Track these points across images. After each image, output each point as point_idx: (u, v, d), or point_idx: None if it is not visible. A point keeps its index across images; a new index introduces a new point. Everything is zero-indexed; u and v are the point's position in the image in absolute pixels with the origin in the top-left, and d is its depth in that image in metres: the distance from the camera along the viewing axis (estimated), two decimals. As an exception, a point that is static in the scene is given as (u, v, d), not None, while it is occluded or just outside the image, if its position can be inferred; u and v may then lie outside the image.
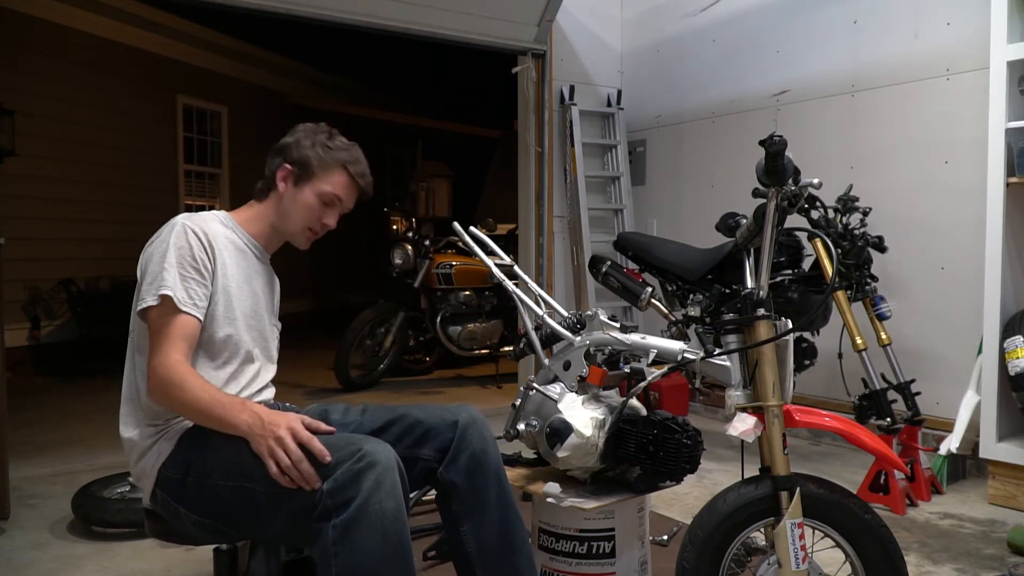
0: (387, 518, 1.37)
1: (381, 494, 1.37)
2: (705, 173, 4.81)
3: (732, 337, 1.78)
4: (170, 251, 1.58)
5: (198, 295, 1.58)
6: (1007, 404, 3.08)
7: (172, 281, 1.55)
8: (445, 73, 9.27)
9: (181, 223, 1.63)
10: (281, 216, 1.76)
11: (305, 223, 1.76)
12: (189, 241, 1.61)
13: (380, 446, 1.42)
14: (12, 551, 2.59)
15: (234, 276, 1.69)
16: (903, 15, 3.78)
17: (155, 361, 1.51)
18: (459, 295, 5.67)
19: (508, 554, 1.67)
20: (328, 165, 1.75)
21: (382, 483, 1.37)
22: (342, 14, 3.99)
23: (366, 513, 1.36)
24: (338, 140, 1.78)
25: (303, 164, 1.73)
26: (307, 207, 1.74)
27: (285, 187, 1.75)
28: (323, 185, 1.74)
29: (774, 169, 1.67)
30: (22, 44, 5.97)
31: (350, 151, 1.78)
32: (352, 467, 1.38)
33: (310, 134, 1.77)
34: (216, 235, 1.67)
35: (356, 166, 1.78)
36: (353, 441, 1.44)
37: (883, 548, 1.66)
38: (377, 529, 1.36)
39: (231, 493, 1.48)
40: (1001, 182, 3.03)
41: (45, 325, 6.17)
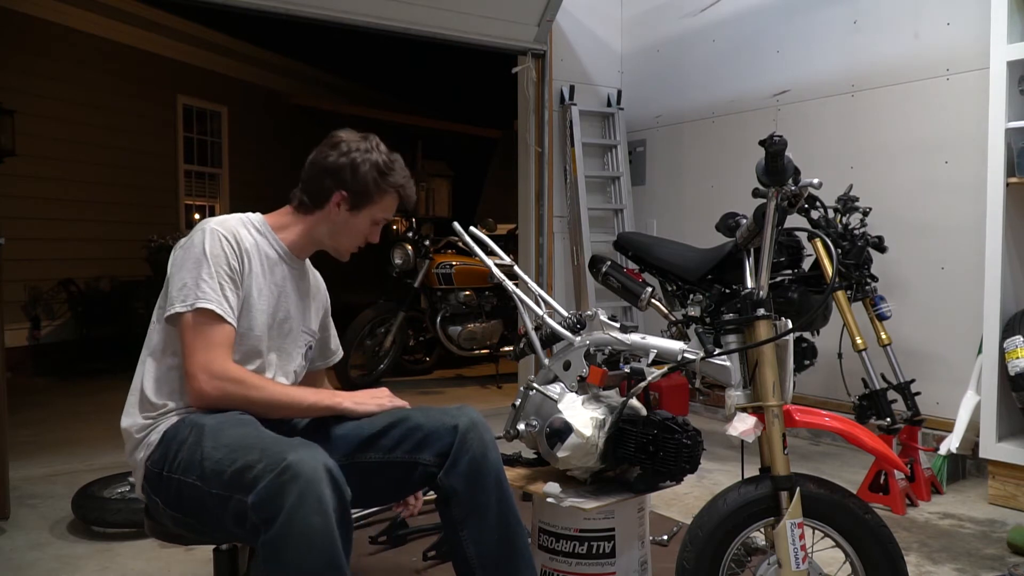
0: (314, 534, 1.30)
1: (305, 509, 1.30)
2: (705, 173, 4.81)
3: (732, 337, 1.78)
4: (206, 260, 1.59)
5: (233, 303, 1.61)
6: (1007, 404, 3.08)
7: (212, 292, 1.57)
8: (445, 73, 9.26)
9: (211, 228, 1.64)
10: (331, 235, 1.79)
11: (354, 244, 1.82)
12: (224, 249, 1.62)
13: (309, 455, 1.36)
14: (12, 551, 2.59)
15: (259, 283, 1.69)
16: (903, 15, 3.78)
17: (207, 364, 1.54)
18: (459, 295, 5.67)
19: (509, 559, 1.67)
20: (385, 192, 1.77)
21: (306, 498, 1.30)
22: (342, 14, 3.99)
23: (290, 532, 1.30)
24: (395, 164, 1.78)
25: (361, 193, 1.75)
26: (361, 231, 1.80)
27: (339, 211, 1.76)
28: (378, 212, 1.78)
29: (774, 169, 1.68)
30: (22, 44, 5.97)
31: (402, 173, 1.80)
32: (275, 481, 1.33)
33: (365, 157, 1.74)
34: (246, 243, 1.69)
35: (407, 188, 1.81)
36: (280, 449, 1.39)
37: (883, 548, 1.66)
38: (304, 547, 1.30)
39: (191, 491, 1.48)
40: (1001, 182, 3.03)
41: (45, 325, 6.17)
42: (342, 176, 1.73)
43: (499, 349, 5.82)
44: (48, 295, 6.20)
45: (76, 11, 6.41)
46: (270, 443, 1.43)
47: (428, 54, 6.75)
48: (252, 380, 1.58)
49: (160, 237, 6.37)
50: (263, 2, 3.73)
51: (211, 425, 1.51)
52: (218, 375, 1.53)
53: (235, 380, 1.55)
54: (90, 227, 6.59)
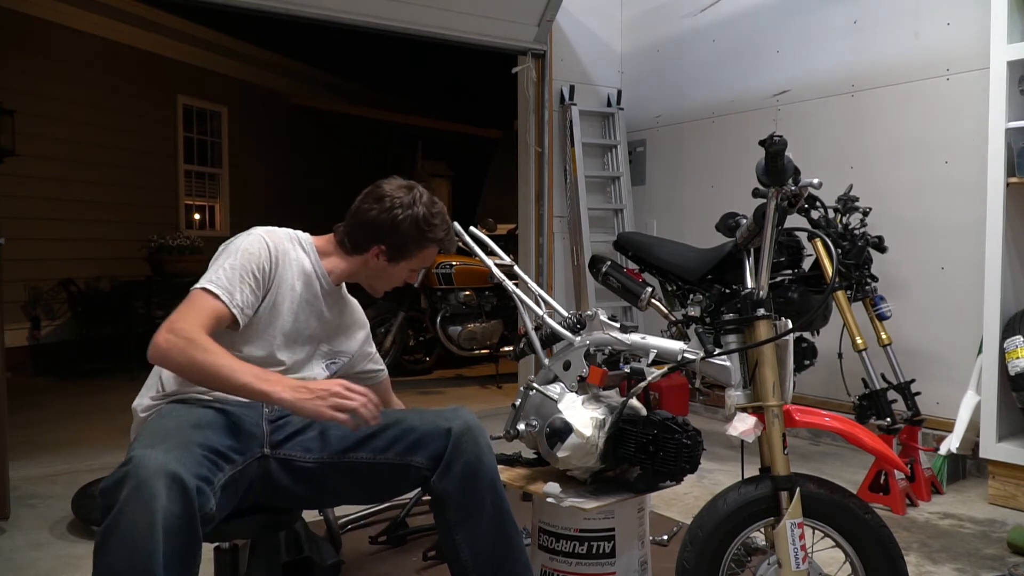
0: (137, 534, 1.26)
1: (135, 505, 1.27)
2: (705, 173, 4.81)
3: (732, 337, 1.78)
4: (238, 253, 1.66)
5: (246, 299, 1.63)
6: (1007, 404, 3.08)
7: (224, 279, 1.61)
8: (445, 73, 9.27)
9: (259, 233, 1.72)
10: (368, 277, 1.86)
11: (389, 286, 1.89)
12: (259, 250, 1.68)
13: (157, 453, 1.34)
14: (12, 551, 2.59)
15: (290, 293, 1.73)
16: (903, 15, 3.78)
17: (175, 321, 1.53)
18: (459, 295, 5.67)
19: (504, 563, 1.66)
20: (424, 246, 1.81)
21: (139, 494, 1.28)
22: (342, 14, 3.99)
23: (117, 525, 1.27)
24: (435, 218, 1.80)
25: (400, 248, 1.79)
26: (397, 278, 1.87)
27: (377, 261, 1.81)
28: (416, 263, 1.84)
29: (774, 169, 1.68)
30: (22, 44, 5.97)
31: (443, 228, 1.82)
32: (118, 472, 1.33)
33: (406, 214, 1.76)
34: (286, 255, 1.73)
35: (448, 241, 1.85)
36: (141, 444, 1.39)
37: (883, 548, 1.66)
38: (126, 544, 1.26)
39: None
40: (1001, 182, 3.03)
41: (45, 325, 6.17)
42: (382, 232, 1.78)
43: (499, 349, 5.82)
44: (48, 295, 6.20)
45: (76, 11, 6.41)
46: (148, 439, 1.43)
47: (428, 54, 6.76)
48: (203, 343, 1.51)
49: (160, 237, 6.37)
50: (263, 2, 3.74)
51: (166, 410, 1.58)
52: (176, 331, 1.52)
53: (187, 338, 1.50)
54: (90, 227, 6.59)
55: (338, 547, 2.37)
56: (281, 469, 1.66)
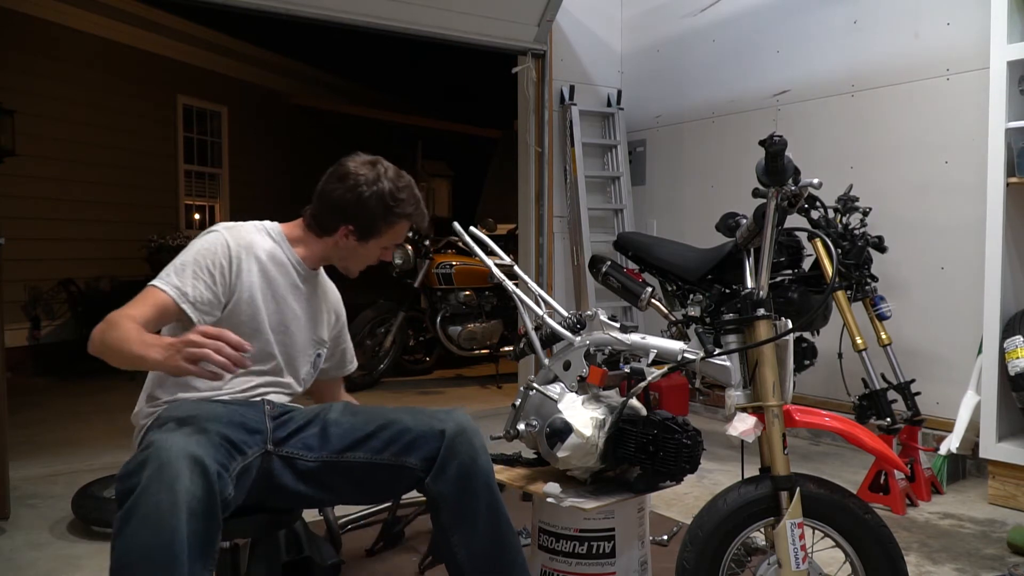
0: (161, 512, 1.29)
1: (159, 485, 1.30)
2: (705, 173, 4.81)
3: (732, 337, 1.78)
4: (192, 249, 1.65)
5: (199, 293, 1.61)
6: (1007, 404, 3.08)
7: (175, 275, 1.61)
8: (445, 73, 9.26)
9: (218, 229, 1.70)
10: (341, 259, 1.83)
11: (362, 266, 1.85)
12: (215, 246, 1.66)
13: (176, 440, 1.37)
14: (12, 551, 2.59)
15: (264, 288, 1.72)
16: (903, 15, 3.78)
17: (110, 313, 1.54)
18: (459, 295, 5.67)
19: (500, 564, 1.66)
20: (395, 222, 1.78)
21: (163, 474, 1.31)
22: (342, 14, 3.99)
23: (140, 504, 1.29)
24: (402, 192, 1.76)
25: (368, 226, 1.76)
26: (370, 257, 1.83)
27: (347, 241, 1.78)
28: (386, 240, 1.81)
29: (774, 169, 1.68)
30: (22, 44, 5.97)
31: (412, 202, 1.79)
32: (139, 455, 1.35)
33: (372, 190, 1.73)
34: (251, 247, 1.71)
35: (418, 215, 1.81)
36: (162, 433, 1.41)
37: (883, 548, 1.66)
38: (147, 523, 1.28)
39: None
40: (1001, 182, 3.03)
41: (45, 325, 6.17)
42: (348, 211, 1.75)
43: (499, 349, 5.82)
44: (48, 295, 6.20)
45: (76, 11, 6.41)
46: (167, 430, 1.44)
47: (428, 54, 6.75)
48: (114, 321, 1.50)
49: (160, 237, 6.37)
50: (263, 2, 3.74)
51: (170, 408, 1.59)
52: (103, 320, 1.52)
53: (104, 322, 1.51)
54: (90, 227, 6.59)
55: (338, 547, 2.37)
56: (283, 467, 1.66)
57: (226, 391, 1.71)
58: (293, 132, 9.31)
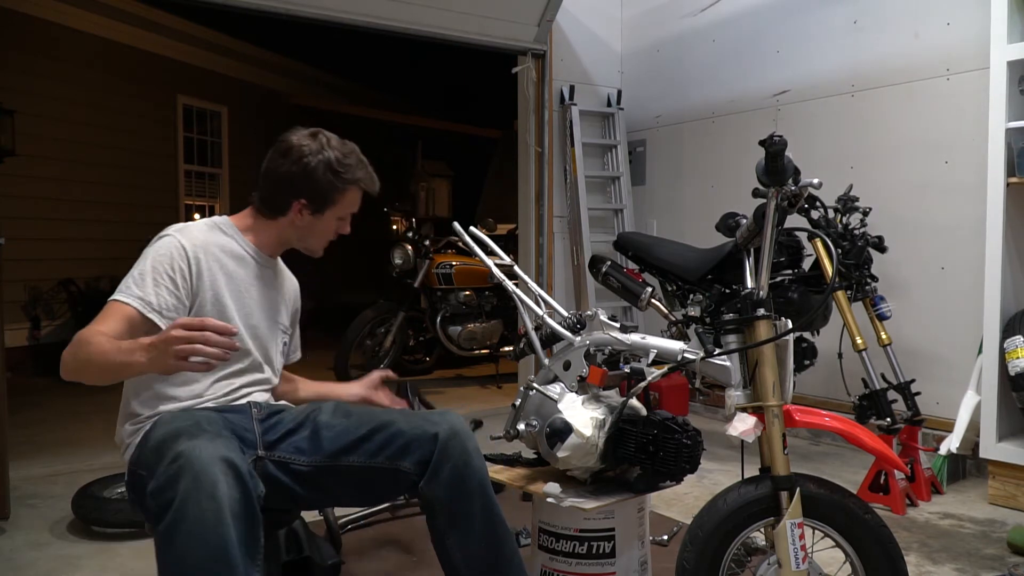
0: (206, 523, 1.29)
1: (199, 495, 1.30)
2: (705, 173, 4.81)
3: (732, 337, 1.78)
4: (148, 258, 1.62)
5: (163, 300, 1.59)
6: (1007, 404, 3.08)
7: (135, 285, 1.58)
8: (445, 73, 9.26)
9: (170, 235, 1.67)
10: (300, 238, 1.80)
11: (324, 242, 1.82)
12: (170, 250, 1.63)
13: (204, 445, 1.37)
14: (12, 551, 2.59)
15: (227, 285, 1.70)
16: (903, 15, 3.78)
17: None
18: (459, 295, 5.66)
19: (497, 566, 1.66)
20: (344, 190, 1.75)
21: (200, 483, 1.31)
22: (342, 14, 3.99)
23: (184, 516, 1.29)
24: (348, 159, 1.74)
25: (320, 199, 1.74)
26: (328, 231, 1.79)
27: (301, 217, 1.76)
28: (341, 210, 1.77)
29: (774, 169, 1.68)
30: (22, 44, 5.97)
31: (360, 167, 1.76)
32: (168, 469, 1.33)
33: (317, 160, 1.71)
34: (207, 246, 1.68)
35: (368, 179, 1.78)
36: (180, 441, 1.39)
37: (883, 548, 1.66)
38: (196, 535, 1.28)
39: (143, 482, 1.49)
40: (1001, 182, 3.03)
41: (45, 325, 6.16)
42: (298, 185, 1.72)
43: (499, 349, 5.82)
44: (48, 295, 6.20)
45: (76, 11, 6.41)
46: (180, 438, 1.42)
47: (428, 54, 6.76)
48: (86, 338, 1.48)
49: (160, 237, 6.36)
50: (263, 2, 3.74)
51: (163, 418, 1.56)
52: (71, 341, 1.51)
53: (74, 341, 1.49)
54: (90, 227, 6.59)
55: (338, 547, 2.37)
56: (277, 470, 1.66)
57: (208, 396, 1.69)
58: (293, 132, 9.30)
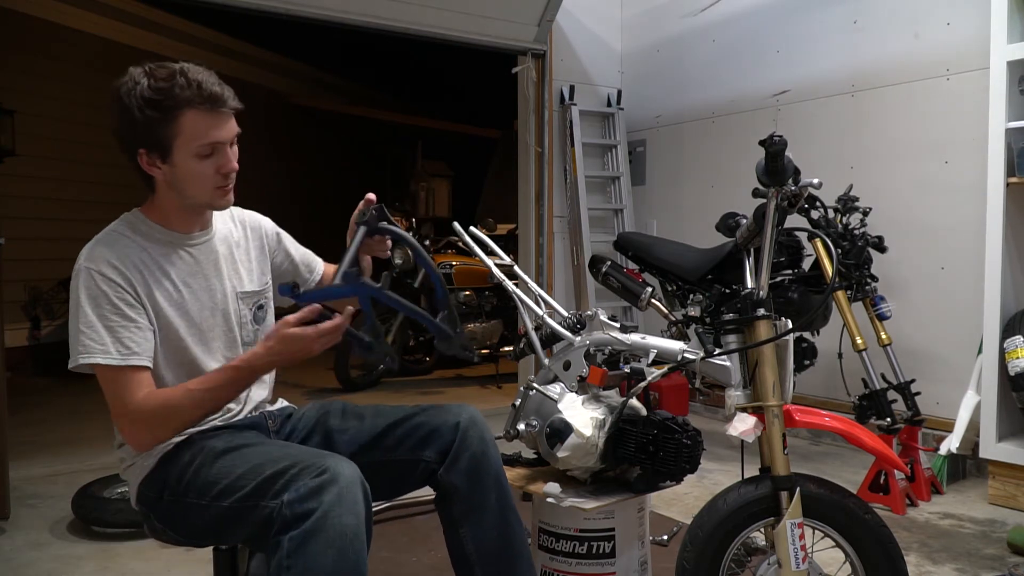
0: (346, 535, 1.31)
1: (342, 509, 1.32)
2: (705, 173, 4.81)
3: (732, 337, 1.78)
4: (84, 307, 1.44)
5: (130, 341, 1.45)
6: (1007, 404, 3.08)
7: (96, 342, 1.43)
8: (445, 73, 9.26)
9: (83, 268, 1.48)
10: (181, 197, 1.54)
11: (207, 188, 1.53)
12: (102, 287, 1.45)
13: (344, 463, 1.39)
14: (12, 551, 2.59)
15: (164, 285, 1.54)
16: (903, 15, 3.78)
17: (122, 415, 1.45)
18: (459, 295, 5.67)
19: (508, 557, 1.67)
20: (172, 119, 1.46)
21: (344, 498, 1.33)
22: (342, 14, 3.99)
23: (324, 527, 1.30)
24: (163, 82, 1.47)
25: (151, 138, 1.48)
26: (195, 174, 1.50)
27: (159, 171, 1.52)
28: (189, 143, 1.47)
29: (774, 169, 1.68)
30: (22, 44, 5.97)
31: (178, 82, 1.47)
32: (314, 481, 1.34)
33: (133, 97, 1.47)
34: (127, 257, 1.51)
35: (201, 93, 1.48)
36: (317, 456, 1.41)
37: (883, 548, 1.66)
38: (334, 545, 1.30)
39: (198, 511, 1.48)
40: (1001, 182, 3.03)
41: (45, 325, 6.16)
42: (127, 138, 1.51)
43: (499, 349, 5.82)
44: (48, 295, 6.20)
45: (76, 11, 6.40)
46: (303, 453, 1.45)
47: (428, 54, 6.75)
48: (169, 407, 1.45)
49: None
50: (263, 2, 3.74)
51: (221, 448, 1.51)
52: (139, 423, 1.45)
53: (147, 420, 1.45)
54: (90, 227, 6.45)
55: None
56: None
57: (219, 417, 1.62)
58: (293, 132, 9.30)
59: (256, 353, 1.44)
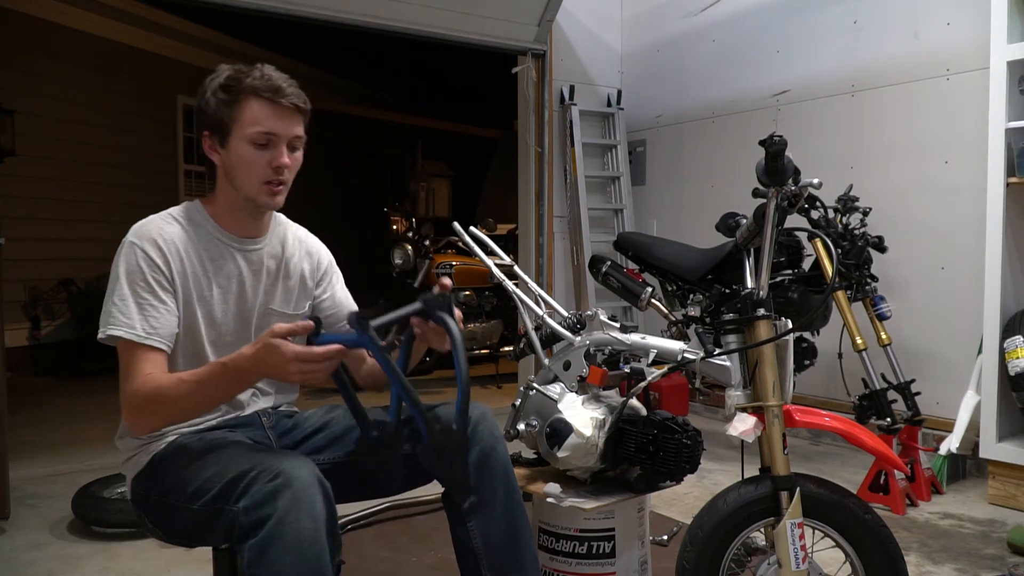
0: (304, 539, 1.29)
1: (298, 513, 1.29)
2: (705, 173, 4.81)
3: (732, 337, 1.78)
4: (121, 280, 1.47)
5: (156, 321, 1.47)
6: (1007, 404, 3.08)
7: (121, 316, 1.45)
8: (445, 73, 9.26)
9: (128, 242, 1.51)
10: (233, 187, 1.57)
11: (256, 179, 1.54)
12: (140, 264, 1.48)
13: (300, 466, 1.36)
14: (12, 551, 2.59)
15: (204, 280, 1.57)
16: (903, 15, 3.78)
17: (123, 393, 1.45)
18: (459, 295, 5.67)
19: (514, 551, 1.66)
20: (236, 103, 1.51)
21: (299, 502, 1.30)
22: (342, 14, 3.99)
23: (281, 533, 1.28)
24: (241, 72, 1.53)
25: (215, 120, 1.53)
26: (246, 161, 1.53)
27: (217, 156, 1.56)
28: (246, 128, 1.51)
29: (774, 169, 1.68)
30: (22, 44, 5.97)
31: (252, 74, 1.52)
32: (268, 485, 1.32)
33: (211, 83, 1.54)
34: (173, 241, 1.53)
35: (267, 84, 1.52)
36: (273, 460, 1.38)
37: (883, 548, 1.66)
38: (292, 551, 1.28)
39: (178, 512, 1.49)
40: (1001, 182, 3.03)
41: (45, 325, 6.17)
42: (199, 120, 1.56)
43: (499, 349, 5.82)
44: (48, 295, 6.21)
45: (76, 11, 6.41)
46: (262, 456, 1.43)
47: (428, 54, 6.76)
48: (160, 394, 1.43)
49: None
50: (263, 2, 3.74)
51: (200, 448, 1.52)
52: (134, 408, 1.46)
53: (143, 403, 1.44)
54: (90, 227, 6.59)
55: (338, 547, 2.36)
56: None
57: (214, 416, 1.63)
58: (293, 132, 9.28)
59: (242, 353, 1.38)
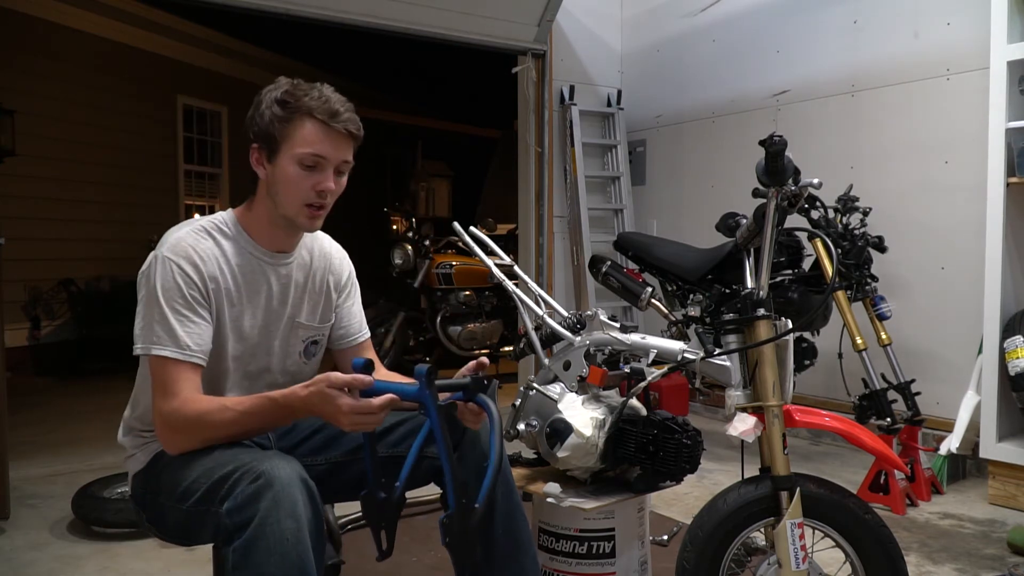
0: (286, 540, 1.29)
1: (280, 513, 1.29)
2: (705, 173, 4.81)
3: (732, 337, 1.78)
4: (158, 297, 1.47)
5: (198, 337, 1.49)
6: (1007, 404, 3.08)
7: (164, 334, 1.46)
8: (445, 73, 9.26)
9: (163, 257, 1.50)
10: (273, 202, 1.56)
11: (297, 200, 1.53)
12: (177, 280, 1.48)
13: (283, 463, 1.36)
14: (12, 551, 2.59)
15: (236, 299, 1.58)
16: (903, 15, 3.78)
17: (161, 411, 1.46)
18: (459, 295, 5.67)
19: (514, 552, 1.66)
20: (290, 121, 1.50)
21: (280, 502, 1.30)
22: (342, 14, 3.99)
23: (263, 535, 1.28)
24: (299, 90, 1.52)
25: (267, 134, 1.51)
26: (290, 180, 1.51)
27: (263, 170, 1.55)
28: (296, 148, 1.50)
29: (774, 169, 1.68)
30: (22, 44, 5.97)
31: (311, 93, 1.51)
32: (249, 487, 1.32)
33: (267, 95, 1.53)
34: (207, 257, 1.53)
35: (324, 106, 1.50)
36: (255, 460, 1.37)
37: (883, 548, 1.66)
38: (275, 552, 1.28)
39: (171, 513, 1.49)
40: (1001, 182, 3.03)
41: (45, 325, 6.17)
42: (250, 130, 1.55)
43: (499, 349, 5.82)
44: (48, 295, 6.20)
45: (76, 11, 6.41)
46: (246, 456, 1.42)
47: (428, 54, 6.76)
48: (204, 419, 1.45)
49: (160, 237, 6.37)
50: (263, 2, 3.74)
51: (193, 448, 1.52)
52: (174, 427, 1.46)
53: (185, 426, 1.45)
54: (90, 227, 6.59)
55: (338, 547, 2.36)
56: None
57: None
58: (293, 132, 9.28)
59: (296, 393, 1.40)
